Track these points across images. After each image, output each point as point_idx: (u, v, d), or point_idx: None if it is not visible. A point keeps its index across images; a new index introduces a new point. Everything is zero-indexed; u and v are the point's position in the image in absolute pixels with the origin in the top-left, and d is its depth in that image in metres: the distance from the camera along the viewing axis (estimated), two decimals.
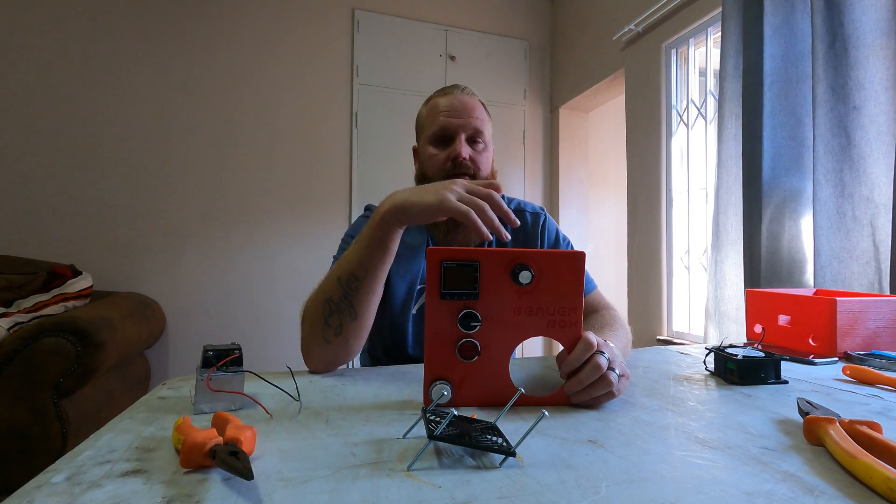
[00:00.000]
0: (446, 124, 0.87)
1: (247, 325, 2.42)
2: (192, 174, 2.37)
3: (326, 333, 0.66)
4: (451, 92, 0.91)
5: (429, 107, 0.92)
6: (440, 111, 0.88)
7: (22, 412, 1.41)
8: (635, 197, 2.31)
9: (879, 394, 0.59)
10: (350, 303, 0.66)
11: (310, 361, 0.69)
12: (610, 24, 2.45)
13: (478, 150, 0.89)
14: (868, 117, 1.19)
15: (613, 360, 0.52)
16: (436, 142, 0.89)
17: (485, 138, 0.90)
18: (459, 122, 0.87)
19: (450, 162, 0.86)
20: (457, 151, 0.86)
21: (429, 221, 0.64)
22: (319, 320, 0.66)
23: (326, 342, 0.66)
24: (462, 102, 0.89)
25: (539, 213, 0.98)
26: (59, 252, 2.13)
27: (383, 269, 0.67)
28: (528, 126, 2.99)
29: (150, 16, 2.32)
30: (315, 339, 0.67)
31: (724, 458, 0.39)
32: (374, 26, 2.67)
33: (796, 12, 1.43)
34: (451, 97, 0.89)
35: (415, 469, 0.36)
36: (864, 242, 1.20)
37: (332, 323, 0.66)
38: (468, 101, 0.89)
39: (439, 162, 0.87)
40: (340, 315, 0.66)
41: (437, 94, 0.92)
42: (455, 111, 0.88)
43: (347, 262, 0.66)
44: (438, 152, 0.88)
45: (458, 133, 0.87)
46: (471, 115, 0.88)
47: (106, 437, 0.43)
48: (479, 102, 0.91)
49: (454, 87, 0.92)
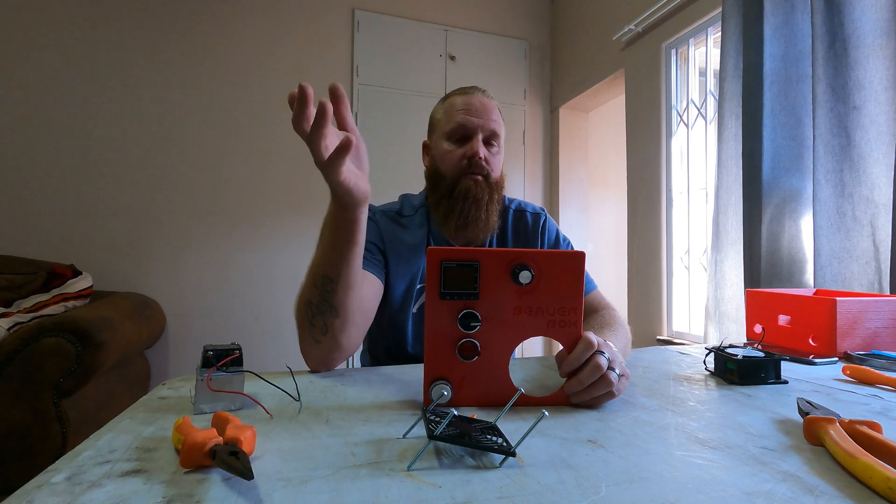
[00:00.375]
0: (465, 122, 0.88)
1: (247, 325, 2.42)
2: (193, 174, 2.37)
3: (314, 334, 0.66)
4: (471, 92, 0.91)
5: (447, 104, 0.92)
6: (459, 109, 0.89)
7: (22, 412, 1.41)
8: (635, 197, 2.31)
9: (879, 394, 0.59)
10: (329, 303, 0.64)
11: (308, 361, 0.69)
12: (610, 24, 2.45)
13: (492, 152, 0.90)
14: (868, 117, 1.19)
15: (613, 360, 0.52)
16: (452, 138, 0.89)
17: (499, 142, 0.91)
18: (479, 122, 0.88)
19: (466, 160, 0.87)
20: (474, 150, 0.86)
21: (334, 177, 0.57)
22: (305, 322, 0.66)
23: (317, 342, 0.66)
24: (482, 103, 0.89)
25: (539, 213, 0.99)
26: (59, 252, 2.13)
27: (355, 262, 0.64)
28: (528, 126, 2.99)
29: (151, 16, 2.32)
30: (306, 340, 0.67)
31: (724, 458, 0.39)
32: (374, 26, 2.67)
33: (796, 12, 1.43)
34: (470, 96, 0.90)
35: (415, 469, 0.36)
36: (864, 242, 1.20)
37: (316, 324, 0.65)
38: (487, 103, 0.90)
39: (455, 158, 0.88)
40: (323, 316, 0.65)
41: (455, 93, 0.93)
42: (475, 110, 0.88)
43: (317, 265, 0.64)
44: (454, 149, 0.89)
45: (476, 132, 0.88)
46: (489, 117, 0.89)
47: (106, 437, 0.43)
48: (496, 107, 0.92)
49: (474, 88, 0.92)
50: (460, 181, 0.87)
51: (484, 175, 0.87)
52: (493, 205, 0.89)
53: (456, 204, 0.86)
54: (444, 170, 0.89)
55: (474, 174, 0.87)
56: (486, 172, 0.88)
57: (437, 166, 0.91)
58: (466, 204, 0.86)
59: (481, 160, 0.86)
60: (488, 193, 0.87)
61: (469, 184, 0.86)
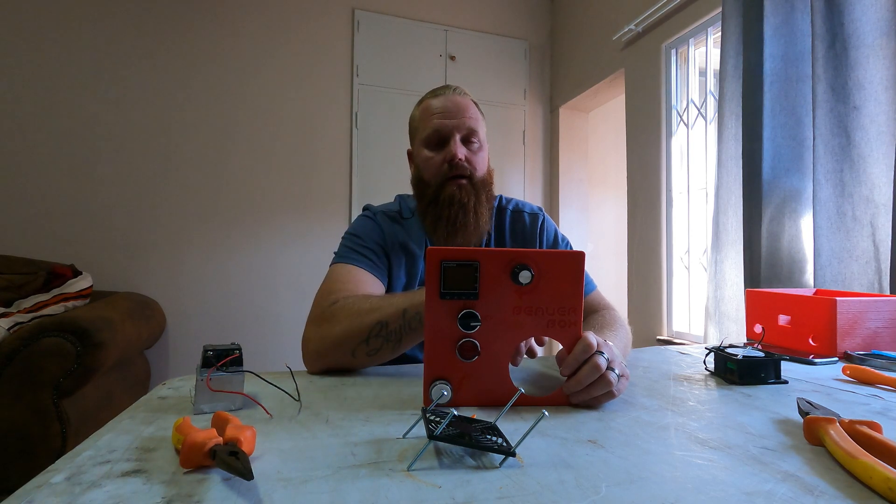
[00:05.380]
0: (440, 126, 0.86)
1: (247, 325, 2.42)
2: (193, 174, 2.37)
3: (360, 349, 0.66)
4: (443, 93, 0.90)
5: (421, 109, 0.91)
6: (433, 113, 0.88)
7: (22, 412, 1.41)
8: (635, 197, 2.31)
9: (879, 394, 0.59)
10: (400, 339, 0.65)
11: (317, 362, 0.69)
12: (610, 24, 2.45)
13: (473, 149, 0.88)
14: (868, 117, 1.19)
15: (613, 361, 0.52)
16: (430, 144, 0.88)
17: (479, 138, 0.89)
18: (453, 123, 0.86)
19: (446, 164, 0.86)
20: (452, 153, 0.85)
21: None
22: (361, 335, 0.66)
23: (353, 356, 0.66)
24: (455, 103, 0.88)
25: (537, 213, 0.98)
26: (59, 252, 2.12)
27: None
28: (528, 126, 2.99)
29: (151, 16, 2.32)
30: (344, 348, 0.66)
31: (724, 458, 0.39)
32: (374, 26, 2.67)
33: (796, 12, 1.42)
34: (443, 98, 0.89)
35: (415, 469, 0.36)
36: (864, 242, 1.20)
37: (372, 343, 0.65)
38: (461, 101, 0.88)
39: (435, 164, 0.87)
40: (386, 340, 0.65)
41: (428, 96, 0.91)
42: (448, 112, 0.87)
43: (417, 303, 0.65)
44: (434, 155, 0.87)
45: (452, 134, 0.86)
46: (464, 116, 0.87)
47: (106, 437, 0.43)
48: (472, 102, 0.91)
49: (445, 88, 0.91)
50: (445, 187, 0.86)
51: (467, 176, 0.86)
52: (482, 206, 0.87)
53: (443, 211, 0.85)
54: (427, 177, 0.88)
55: (457, 178, 0.86)
56: (468, 173, 0.86)
57: (420, 174, 0.90)
58: (453, 210, 0.85)
59: (461, 161, 0.85)
60: (475, 196, 0.86)
61: (453, 189, 0.85)
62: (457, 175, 0.86)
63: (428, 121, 0.88)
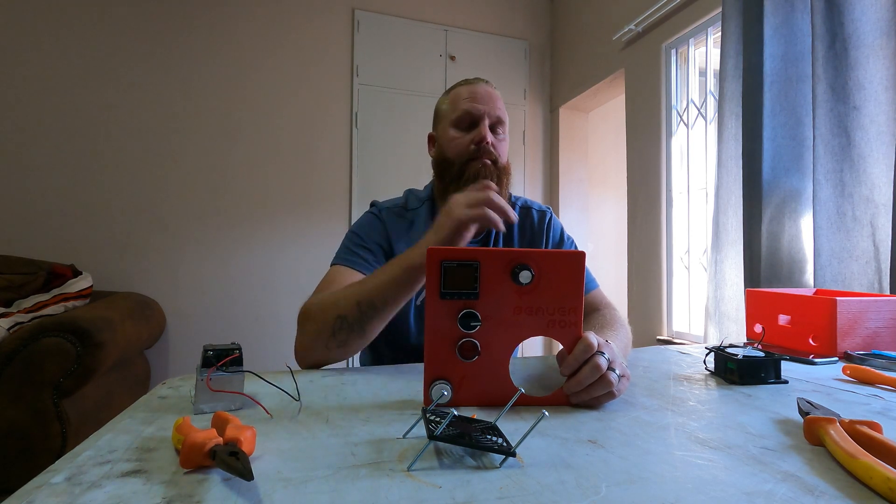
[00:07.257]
0: (472, 108, 0.88)
1: (247, 325, 2.42)
2: (193, 174, 2.37)
3: (330, 343, 0.70)
4: (475, 82, 0.92)
5: (452, 95, 0.93)
6: (465, 97, 0.90)
7: (22, 412, 1.41)
8: (635, 197, 2.31)
9: (879, 394, 0.59)
10: (363, 326, 0.69)
11: (303, 360, 0.73)
12: (610, 24, 2.45)
13: (499, 138, 0.90)
14: (868, 117, 1.19)
15: (613, 361, 0.52)
16: (459, 126, 0.90)
17: (505, 130, 0.92)
18: (485, 108, 0.89)
19: (473, 145, 0.87)
20: (482, 135, 0.87)
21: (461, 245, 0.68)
22: (327, 330, 0.69)
23: (327, 349, 0.70)
24: (487, 91, 0.91)
25: (545, 211, 1.00)
26: (59, 252, 2.12)
27: (402, 304, 0.71)
28: (528, 126, 2.99)
29: (151, 15, 2.32)
30: (317, 344, 0.70)
31: (724, 458, 0.39)
32: (374, 26, 2.67)
33: (796, 12, 1.42)
34: (475, 86, 0.91)
35: (415, 469, 0.36)
36: (864, 242, 1.20)
37: (338, 336, 0.69)
38: (492, 92, 0.91)
39: (462, 144, 0.88)
40: (350, 332, 0.69)
41: (460, 84, 0.94)
42: (480, 97, 0.89)
43: (370, 290, 0.69)
44: (462, 135, 0.89)
45: (483, 118, 0.88)
46: (495, 104, 0.90)
47: (106, 437, 0.43)
48: (500, 97, 0.93)
49: (477, 79, 0.94)
50: (469, 165, 0.87)
51: (493, 160, 0.88)
52: (504, 189, 0.89)
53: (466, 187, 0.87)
54: (451, 156, 0.90)
55: (482, 159, 0.87)
56: (494, 157, 0.88)
57: (444, 153, 0.91)
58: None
59: (489, 145, 0.87)
60: (497, 177, 0.88)
61: (478, 167, 0.87)
62: (482, 157, 0.87)
63: (459, 103, 0.90)
